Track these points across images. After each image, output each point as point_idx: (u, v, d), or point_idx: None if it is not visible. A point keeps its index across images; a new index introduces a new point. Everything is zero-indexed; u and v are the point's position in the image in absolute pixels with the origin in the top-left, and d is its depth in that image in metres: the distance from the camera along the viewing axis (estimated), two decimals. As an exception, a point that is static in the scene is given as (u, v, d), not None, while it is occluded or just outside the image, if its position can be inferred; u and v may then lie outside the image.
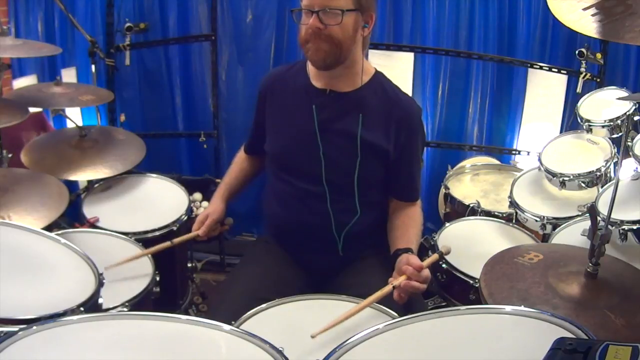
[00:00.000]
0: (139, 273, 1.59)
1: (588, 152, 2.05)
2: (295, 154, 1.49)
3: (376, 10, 1.43)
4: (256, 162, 1.74)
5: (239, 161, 1.76)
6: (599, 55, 2.56)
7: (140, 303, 1.50)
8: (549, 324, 0.86)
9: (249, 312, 1.23)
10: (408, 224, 1.49)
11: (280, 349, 0.87)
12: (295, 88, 1.49)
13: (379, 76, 1.50)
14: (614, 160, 1.92)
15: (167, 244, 1.63)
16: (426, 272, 1.28)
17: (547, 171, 2.01)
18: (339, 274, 1.51)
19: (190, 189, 2.16)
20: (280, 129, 1.53)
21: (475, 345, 0.86)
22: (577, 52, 2.56)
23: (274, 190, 1.56)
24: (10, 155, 1.92)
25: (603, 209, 1.54)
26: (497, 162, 2.70)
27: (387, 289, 1.23)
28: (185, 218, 1.97)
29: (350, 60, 1.40)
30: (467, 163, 2.66)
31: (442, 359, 0.85)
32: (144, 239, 1.79)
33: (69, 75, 2.84)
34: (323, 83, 1.46)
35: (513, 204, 2.04)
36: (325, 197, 1.45)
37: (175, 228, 1.90)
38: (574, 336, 0.81)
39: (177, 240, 1.66)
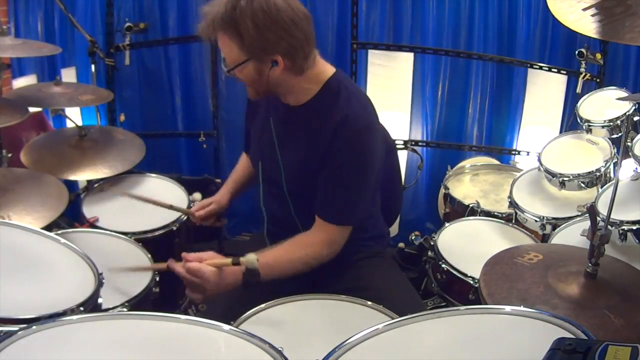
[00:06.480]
0: (139, 273, 1.59)
1: (588, 153, 2.05)
2: (261, 162, 1.54)
3: (289, 47, 1.26)
4: None
5: (243, 159, 1.80)
6: (598, 56, 2.56)
7: (140, 303, 1.50)
8: (548, 324, 0.86)
9: (248, 312, 1.23)
10: (290, 244, 1.35)
11: (279, 349, 0.87)
12: (267, 100, 1.50)
13: (332, 85, 1.38)
14: (614, 161, 1.92)
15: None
16: (195, 268, 1.29)
17: (547, 171, 2.01)
18: (338, 274, 1.51)
19: (189, 188, 2.16)
20: (254, 137, 1.58)
21: (475, 345, 0.86)
22: (577, 52, 2.56)
23: (257, 191, 1.61)
24: (10, 155, 1.93)
25: (603, 209, 1.54)
26: (496, 162, 2.70)
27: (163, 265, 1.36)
28: (185, 218, 1.97)
29: (285, 86, 1.36)
30: (466, 163, 2.66)
31: (442, 359, 0.85)
32: (144, 239, 1.79)
33: (68, 75, 2.83)
34: (282, 97, 1.45)
35: (513, 204, 2.04)
36: (289, 205, 1.47)
37: (175, 228, 1.90)
38: (573, 336, 0.81)
39: (175, 207, 1.79)
